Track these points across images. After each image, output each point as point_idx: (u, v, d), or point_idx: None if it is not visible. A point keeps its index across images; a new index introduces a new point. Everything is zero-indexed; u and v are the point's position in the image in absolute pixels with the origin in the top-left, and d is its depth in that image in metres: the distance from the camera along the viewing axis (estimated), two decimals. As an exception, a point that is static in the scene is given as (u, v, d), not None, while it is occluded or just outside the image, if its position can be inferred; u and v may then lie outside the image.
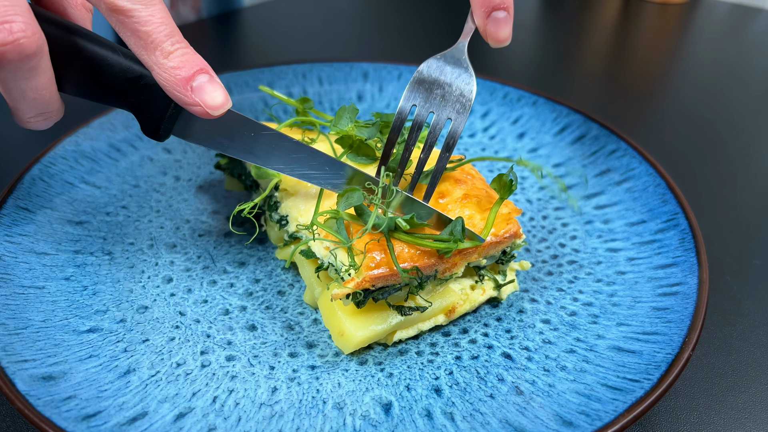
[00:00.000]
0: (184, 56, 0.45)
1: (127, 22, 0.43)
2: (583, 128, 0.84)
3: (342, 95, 0.94)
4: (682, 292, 0.58)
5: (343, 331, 0.54)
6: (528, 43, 1.36)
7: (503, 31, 0.53)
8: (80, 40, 0.47)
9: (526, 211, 0.76)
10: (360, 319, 0.54)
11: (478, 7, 0.52)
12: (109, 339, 0.56)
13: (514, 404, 0.51)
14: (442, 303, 0.58)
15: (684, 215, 0.66)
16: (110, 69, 0.48)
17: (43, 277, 0.60)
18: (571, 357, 0.55)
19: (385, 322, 0.55)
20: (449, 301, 0.58)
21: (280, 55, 1.22)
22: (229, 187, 0.76)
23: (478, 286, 0.61)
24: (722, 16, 1.54)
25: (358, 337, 0.53)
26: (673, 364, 0.50)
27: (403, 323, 0.56)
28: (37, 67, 0.43)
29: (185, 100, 0.46)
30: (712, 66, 1.27)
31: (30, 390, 0.47)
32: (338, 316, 0.55)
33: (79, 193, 0.71)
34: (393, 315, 0.55)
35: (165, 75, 0.45)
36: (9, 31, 0.39)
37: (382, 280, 0.53)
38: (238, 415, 0.50)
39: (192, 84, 0.45)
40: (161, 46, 0.44)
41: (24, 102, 0.44)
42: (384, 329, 0.55)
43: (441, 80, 0.55)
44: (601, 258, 0.68)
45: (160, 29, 0.44)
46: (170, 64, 0.45)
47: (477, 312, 0.62)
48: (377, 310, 0.55)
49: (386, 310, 0.55)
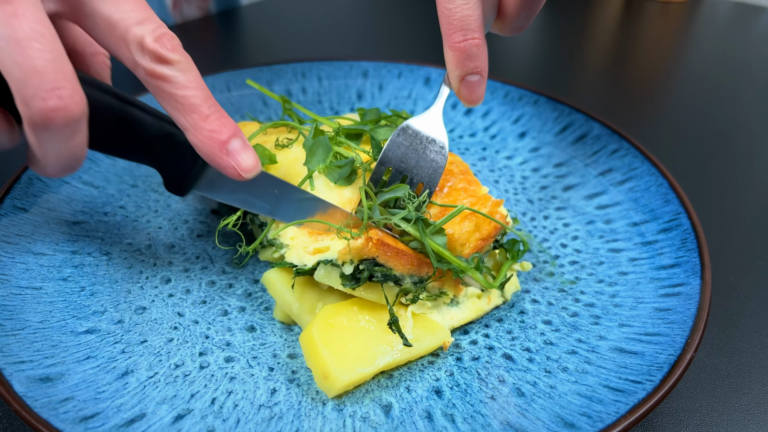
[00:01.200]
0: (220, 120, 0.47)
1: (165, 87, 0.45)
2: (584, 128, 0.83)
3: (341, 94, 0.93)
4: (685, 293, 0.57)
5: (327, 373, 0.50)
6: (529, 41, 1.35)
7: (476, 93, 0.56)
8: (112, 100, 0.49)
9: (527, 211, 0.76)
10: (346, 361, 0.51)
11: (453, 70, 0.55)
12: (107, 340, 0.55)
13: (516, 406, 0.51)
14: (433, 342, 0.55)
15: (686, 215, 0.65)
16: (140, 128, 0.50)
17: (40, 277, 0.59)
18: (573, 358, 0.55)
19: (373, 363, 0.52)
20: (440, 339, 0.55)
21: (279, 53, 1.21)
22: None
23: (484, 295, 0.61)
24: (725, 14, 1.53)
25: (343, 381, 0.50)
26: (675, 365, 0.50)
27: (391, 363, 0.53)
28: (78, 130, 0.44)
29: (220, 162, 0.48)
30: (715, 65, 1.27)
31: (27, 391, 0.47)
32: (322, 357, 0.51)
33: (76, 192, 0.71)
34: (381, 355, 0.52)
35: (201, 138, 0.47)
36: (59, 97, 0.41)
37: (389, 251, 0.52)
38: (237, 417, 0.49)
39: (227, 147, 0.47)
40: (199, 110, 0.46)
41: (55, 159, 0.46)
42: (371, 371, 0.51)
43: (416, 145, 0.58)
44: (602, 258, 0.67)
45: (198, 93, 0.46)
46: (208, 128, 0.47)
47: (478, 313, 0.62)
48: (364, 350, 0.52)
49: (373, 352, 0.52)
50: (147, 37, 0.44)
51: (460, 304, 0.59)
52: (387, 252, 0.53)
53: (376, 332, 0.54)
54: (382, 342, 0.53)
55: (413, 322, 0.56)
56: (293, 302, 0.56)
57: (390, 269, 0.54)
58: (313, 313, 0.56)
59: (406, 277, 0.55)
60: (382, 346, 0.53)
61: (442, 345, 0.56)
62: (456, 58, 0.53)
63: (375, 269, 0.54)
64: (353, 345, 0.52)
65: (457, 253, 0.57)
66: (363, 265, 0.53)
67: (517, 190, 0.79)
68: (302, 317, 0.56)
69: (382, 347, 0.53)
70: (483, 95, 0.56)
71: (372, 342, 0.53)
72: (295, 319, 0.57)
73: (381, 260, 0.53)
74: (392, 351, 0.53)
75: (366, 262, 0.53)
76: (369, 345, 0.53)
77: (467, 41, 0.53)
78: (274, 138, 0.67)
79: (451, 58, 0.54)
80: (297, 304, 0.56)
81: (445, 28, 0.53)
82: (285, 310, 0.58)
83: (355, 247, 0.52)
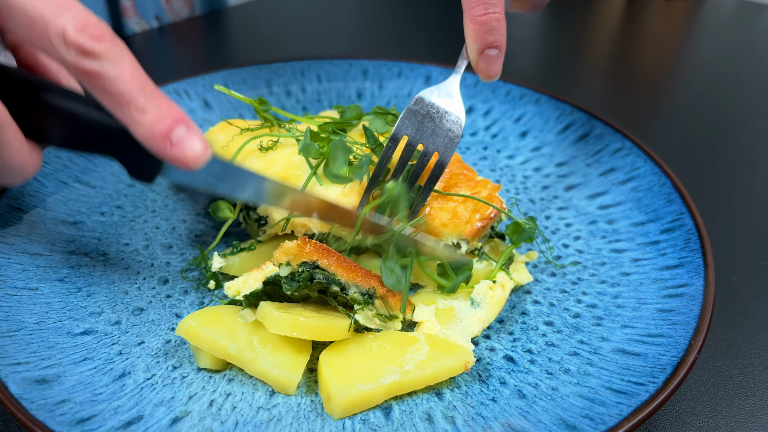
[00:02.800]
0: (159, 110, 0.43)
1: (96, 82, 0.42)
2: (586, 126, 0.83)
3: (341, 93, 0.93)
4: (688, 294, 0.57)
5: (329, 393, 0.49)
6: (531, 39, 1.35)
7: (494, 68, 0.56)
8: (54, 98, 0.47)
9: (529, 211, 0.75)
10: (346, 379, 0.49)
11: (472, 43, 0.55)
12: (103, 341, 0.55)
13: (517, 408, 0.50)
14: (452, 362, 0.51)
15: (690, 215, 0.65)
16: (89, 124, 0.48)
17: (36, 278, 0.59)
18: (575, 360, 0.54)
19: (376, 381, 0.49)
20: (460, 360, 0.52)
21: (278, 52, 1.21)
22: None
23: (496, 286, 0.59)
24: (728, 12, 1.53)
25: (342, 399, 0.48)
26: (678, 367, 0.49)
27: (401, 384, 0.50)
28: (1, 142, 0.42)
29: (167, 156, 0.45)
30: (719, 63, 1.26)
31: (23, 393, 0.46)
32: (324, 377, 0.49)
33: (73, 192, 0.70)
34: (387, 375, 0.50)
35: (143, 132, 0.44)
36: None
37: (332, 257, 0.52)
38: (235, 419, 0.49)
39: (171, 138, 0.44)
40: (135, 103, 0.43)
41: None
42: (373, 389, 0.49)
43: (432, 114, 0.58)
44: (605, 259, 0.67)
45: (132, 85, 0.42)
46: (147, 121, 0.43)
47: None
48: (368, 369, 0.50)
49: (378, 371, 0.50)
50: (68, 28, 0.40)
51: (479, 303, 0.58)
52: (329, 257, 0.52)
53: (386, 354, 0.52)
54: (391, 363, 0.51)
55: (429, 345, 0.53)
56: (229, 344, 0.51)
57: (333, 274, 0.53)
58: (252, 349, 0.51)
59: (353, 286, 0.53)
60: (390, 366, 0.50)
61: (464, 366, 0.52)
62: (476, 32, 0.53)
63: (315, 271, 0.52)
64: (359, 365, 0.51)
65: (459, 233, 0.59)
66: (302, 267, 0.52)
67: (518, 190, 0.79)
68: (243, 355, 0.51)
69: (390, 367, 0.50)
70: (500, 70, 0.57)
71: (379, 362, 0.51)
72: (234, 361, 0.52)
73: (322, 265, 0.52)
74: (401, 370, 0.50)
75: (305, 265, 0.52)
76: (375, 364, 0.51)
77: (489, 14, 0.53)
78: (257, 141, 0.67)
79: (471, 31, 0.54)
80: (234, 344, 0.51)
81: (467, 1, 0.53)
82: (217, 356, 0.52)
83: (290, 247, 0.51)
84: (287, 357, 0.51)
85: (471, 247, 0.60)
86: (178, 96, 0.85)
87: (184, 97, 0.86)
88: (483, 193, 0.61)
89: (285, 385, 0.50)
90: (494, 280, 0.60)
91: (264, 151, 0.65)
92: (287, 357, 0.51)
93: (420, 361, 0.51)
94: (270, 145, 0.65)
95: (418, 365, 0.51)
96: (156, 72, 1.11)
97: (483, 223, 0.59)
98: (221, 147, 0.68)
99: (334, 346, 0.53)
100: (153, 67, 1.14)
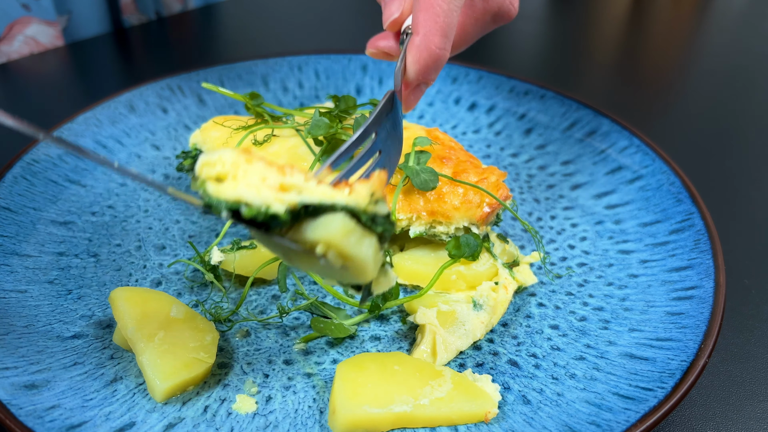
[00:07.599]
0: None
1: None
2: (593, 123, 0.81)
3: (340, 88, 0.91)
4: (698, 296, 0.56)
5: (334, 407, 0.47)
6: (536, 34, 1.33)
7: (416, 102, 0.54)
8: None
9: (534, 211, 0.74)
10: (355, 397, 0.47)
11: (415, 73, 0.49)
12: (94, 345, 0.54)
13: (521, 414, 0.49)
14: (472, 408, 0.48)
15: (699, 215, 0.64)
16: None
17: (25, 280, 0.58)
18: (581, 364, 0.54)
19: (385, 407, 0.46)
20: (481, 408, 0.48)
21: (275, 46, 1.19)
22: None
23: (499, 287, 0.59)
24: (738, 6, 1.50)
25: (345, 416, 0.46)
26: (688, 371, 0.49)
27: (411, 417, 0.47)
28: None
29: None
30: (728, 58, 1.24)
31: (12, 399, 0.46)
32: (334, 390, 0.48)
33: (63, 192, 0.69)
34: (399, 403, 0.47)
35: None
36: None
37: None
38: (230, 426, 0.48)
39: None
40: None
41: None
42: (380, 414, 0.46)
43: (393, 117, 0.53)
44: (612, 260, 0.65)
45: None
46: None
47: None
48: (381, 393, 0.47)
49: (391, 397, 0.47)
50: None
51: (481, 305, 0.57)
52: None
53: (404, 380, 0.49)
54: (407, 392, 0.48)
55: (452, 384, 0.49)
56: (129, 325, 0.50)
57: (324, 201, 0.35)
58: (150, 341, 0.49)
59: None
60: (405, 395, 0.48)
61: (484, 416, 0.48)
62: (426, 63, 0.48)
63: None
64: (373, 386, 0.48)
65: (470, 217, 0.60)
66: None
67: (523, 189, 0.77)
68: (136, 344, 0.50)
69: (405, 396, 0.48)
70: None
71: (395, 388, 0.48)
72: (130, 344, 0.51)
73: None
74: (414, 403, 0.47)
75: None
76: (390, 389, 0.48)
77: (444, 51, 0.48)
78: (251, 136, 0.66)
79: (419, 60, 0.48)
80: (133, 328, 0.50)
81: (429, 24, 0.47)
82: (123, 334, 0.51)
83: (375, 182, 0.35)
84: (171, 364, 0.49)
85: (482, 232, 0.60)
86: (171, 92, 0.83)
87: (177, 93, 0.84)
88: (491, 179, 0.61)
89: (151, 388, 0.49)
90: (497, 282, 0.59)
91: (258, 145, 0.64)
92: (171, 364, 0.49)
93: (437, 398, 0.48)
94: (265, 139, 0.65)
95: (433, 402, 0.48)
96: (150, 67, 1.10)
97: (491, 209, 0.59)
98: (217, 143, 0.67)
99: (356, 359, 0.51)
100: (147, 61, 1.12)
